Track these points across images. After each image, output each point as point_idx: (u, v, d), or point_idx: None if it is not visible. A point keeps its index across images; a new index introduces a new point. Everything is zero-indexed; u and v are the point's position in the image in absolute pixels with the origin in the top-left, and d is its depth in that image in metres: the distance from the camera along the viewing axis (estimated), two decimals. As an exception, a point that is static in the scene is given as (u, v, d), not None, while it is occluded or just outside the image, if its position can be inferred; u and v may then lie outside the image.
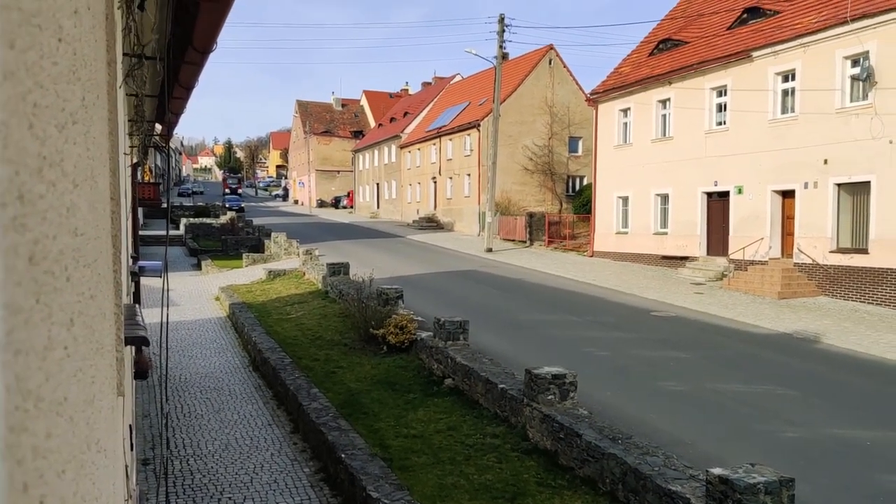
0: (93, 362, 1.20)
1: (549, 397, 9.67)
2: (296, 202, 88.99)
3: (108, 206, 2.01)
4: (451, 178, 49.93)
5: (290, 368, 13.02)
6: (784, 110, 24.03)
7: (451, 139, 50.04)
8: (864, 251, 21.03)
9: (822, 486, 8.40)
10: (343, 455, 8.68)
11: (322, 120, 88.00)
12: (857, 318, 19.20)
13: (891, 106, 20.02)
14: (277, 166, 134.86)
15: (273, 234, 35.87)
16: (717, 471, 6.61)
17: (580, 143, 45.30)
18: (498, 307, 19.98)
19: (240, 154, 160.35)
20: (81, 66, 1.14)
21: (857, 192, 21.45)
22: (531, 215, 39.36)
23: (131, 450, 4.78)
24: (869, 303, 20.68)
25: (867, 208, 21.01)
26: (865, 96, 20.99)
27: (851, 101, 21.55)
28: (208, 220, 48.59)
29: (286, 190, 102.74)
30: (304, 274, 25.35)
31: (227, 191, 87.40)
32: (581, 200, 40.60)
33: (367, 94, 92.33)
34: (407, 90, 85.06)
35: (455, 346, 13.06)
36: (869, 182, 20.83)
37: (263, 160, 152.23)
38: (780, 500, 6.36)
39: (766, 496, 6.31)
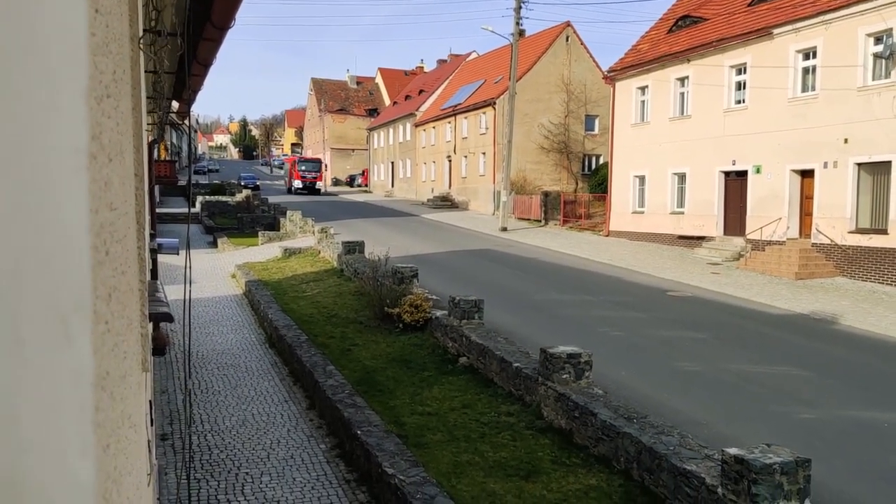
0: (125, 337, 1.21)
1: (564, 376, 9.68)
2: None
3: (133, 181, 2.01)
4: (466, 156, 49.75)
5: (306, 346, 13.10)
6: (804, 89, 23.71)
7: (466, 117, 49.80)
8: (884, 232, 20.80)
9: (838, 467, 8.38)
10: (359, 432, 8.74)
11: (337, 98, 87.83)
12: (876, 299, 19.04)
13: (914, 84, 19.71)
14: (292, 144, 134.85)
15: (288, 212, 35.94)
16: (732, 451, 6.60)
17: (597, 122, 44.95)
18: (513, 286, 19.96)
19: (255, 132, 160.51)
20: (112, 39, 1.13)
21: (877, 171, 21.19)
22: (546, 194, 39.19)
23: (151, 425, 4.83)
24: (888, 284, 20.49)
25: (888, 188, 20.76)
26: (888, 74, 20.65)
27: (873, 79, 21.22)
28: (224, 198, 48.72)
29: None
30: (320, 252, 25.43)
31: (299, 183, 62.42)
32: (597, 179, 40.37)
33: (383, 71, 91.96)
34: (422, 68, 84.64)
35: (470, 325, 13.08)
36: (890, 162, 20.57)
37: (278, 138, 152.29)
38: (796, 480, 6.35)
39: (782, 476, 6.30)
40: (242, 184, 64.00)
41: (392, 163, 67.42)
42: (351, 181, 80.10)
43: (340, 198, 59.95)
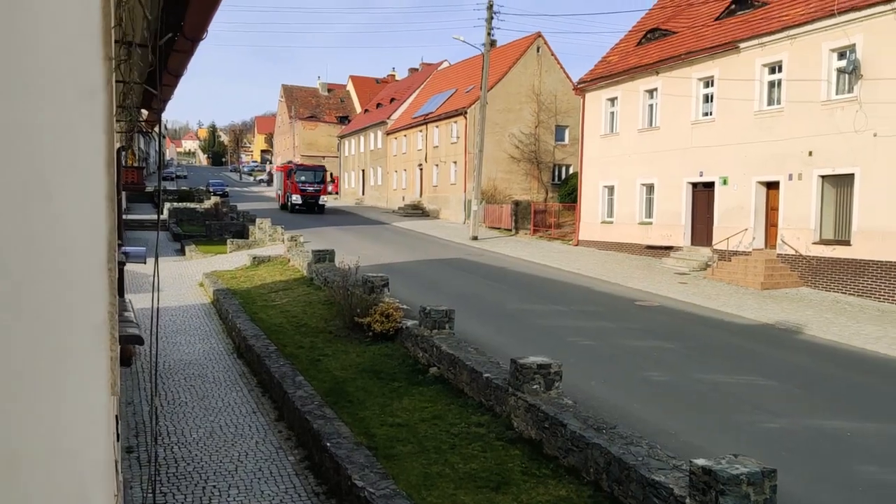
0: (99, 370, 1.19)
1: (535, 387, 9.71)
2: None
3: (105, 202, 1.99)
4: (437, 165, 49.81)
5: (275, 356, 12.99)
6: (770, 102, 24.14)
7: (437, 126, 49.88)
8: (847, 243, 21.22)
9: (803, 476, 8.51)
10: (328, 443, 8.68)
11: (308, 105, 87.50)
12: (839, 309, 19.40)
13: (875, 99, 20.16)
14: (262, 151, 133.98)
15: (258, 219, 35.67)
16: (700, 461, 6.67)
17: (567, 132, 45.30)
18: (483, 296, 20.00)
19: (224, 138, 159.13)
20: (90, 65, 1.12)
21: (840, 184, 21.62)
22: (517, 203, 39.38)
23: (117, 441, 4.76)
24: (850, 294, 20.89)
25: (850, 200, 21.19)
26: (851, 89, 21.11)
27: (837, 93, 21.67)
28: (192, 205, 48.23)
29: (271, 175, 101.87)
30: (289, 260, 25.25)
31: (298, 198, 48.66)
32: (567, 189, 40.66)
33: (354, 79, 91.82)
34: (394, 76, 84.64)
35: (440, 335, 13.07)
36: (853, 174, 21.00)
37: (248, 144, 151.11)
38: (763, 490, 6.43)
39: (749, 487, 6.38)
40: (211, 190, 63.35)
41: (363, 170, 67.27)
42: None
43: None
